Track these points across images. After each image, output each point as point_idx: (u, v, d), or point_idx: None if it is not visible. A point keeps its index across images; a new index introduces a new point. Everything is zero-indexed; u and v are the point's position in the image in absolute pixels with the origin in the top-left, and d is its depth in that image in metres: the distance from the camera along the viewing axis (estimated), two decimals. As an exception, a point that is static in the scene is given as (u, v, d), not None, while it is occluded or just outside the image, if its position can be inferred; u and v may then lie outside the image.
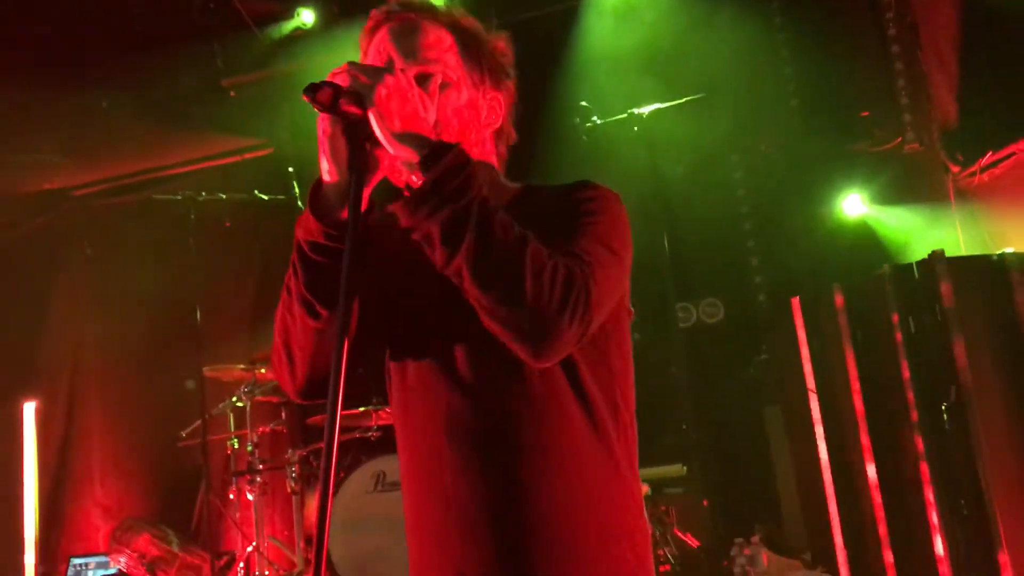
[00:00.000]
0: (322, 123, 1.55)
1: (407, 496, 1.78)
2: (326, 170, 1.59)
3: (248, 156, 7.35)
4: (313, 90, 1.46)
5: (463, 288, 1.52)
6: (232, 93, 6.96)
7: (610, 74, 6.14)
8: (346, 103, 1.50)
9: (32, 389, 6.75)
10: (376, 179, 1.62)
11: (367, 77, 1.51)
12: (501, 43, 1.83)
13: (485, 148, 1.80)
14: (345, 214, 1.57)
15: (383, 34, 1.73)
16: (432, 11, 1.75)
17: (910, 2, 6.38)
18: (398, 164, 1.59)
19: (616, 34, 6.31)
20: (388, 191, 1.67)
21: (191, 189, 5.72)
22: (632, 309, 1.79)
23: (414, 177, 1.53)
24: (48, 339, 7.18)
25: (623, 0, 6.28)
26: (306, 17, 6.55)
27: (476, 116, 1.76)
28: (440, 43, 1.72)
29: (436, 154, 1.50)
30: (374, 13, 1.76)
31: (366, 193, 1.59)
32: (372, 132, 1.52)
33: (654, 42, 6.24)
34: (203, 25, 6.59)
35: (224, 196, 5.64)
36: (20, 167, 6.99)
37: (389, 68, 1.57)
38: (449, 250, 1.49)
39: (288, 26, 6.65)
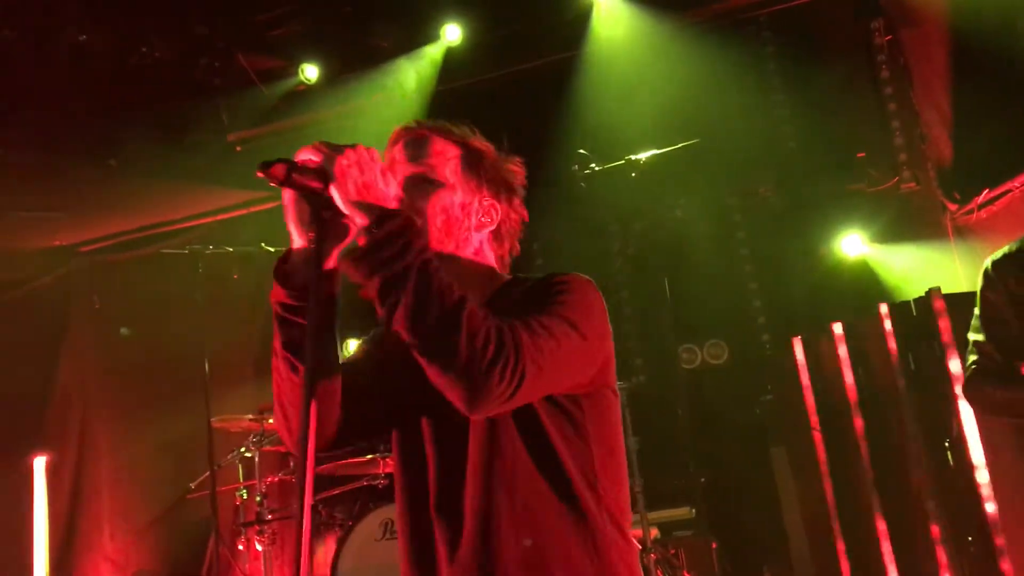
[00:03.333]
0: (287, 195, 1.69)
1: (402, 547, 1.90)
2: (295, 237, 1.73)
3: (254, 209, 7.44)
4: (266, 166, 1.58)
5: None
6: (238, 148, 7.09)
7: (607, 121, 6.24)
8: (304, 177, 1.62)
9: (42, 443, 6.78)
10: (345, 243, 1.73)
11: (330, 150, 1.64)
12: (513, 165, 1.98)
13: (480, 248, 1.94)
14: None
15: (399, 145, 1.92)
16: (447, 131, 1.93)
17: (902, 44, 6.49)
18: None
19: (612, 82, 6.41)
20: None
21: (198, 243, 5.81)
22: (618, 391, 1.91)
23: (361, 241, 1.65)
24: (58, 394, 7.23)
25: (619, 49, 6.39)
26: (309, 73, 6.68)
27: (467, 216, 1.89)
28: (444, 153, 1.90)
29: (379, 220, 1.62)
30: (397, 129, 1.94)
31: (335, 256, 1.72)
32: (333, 202, 1.64)
33: (650, 89, 6.35)
34: (209, 82, 6.73)
35: (231, 249, 5.72)
36: (30, 224, 7.09)
37: (352, 144, 1.69)
38: (387, 310, 1.61)
39: (292, 82, 6.79)
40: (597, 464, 1.80)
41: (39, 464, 6.20)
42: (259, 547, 5.31)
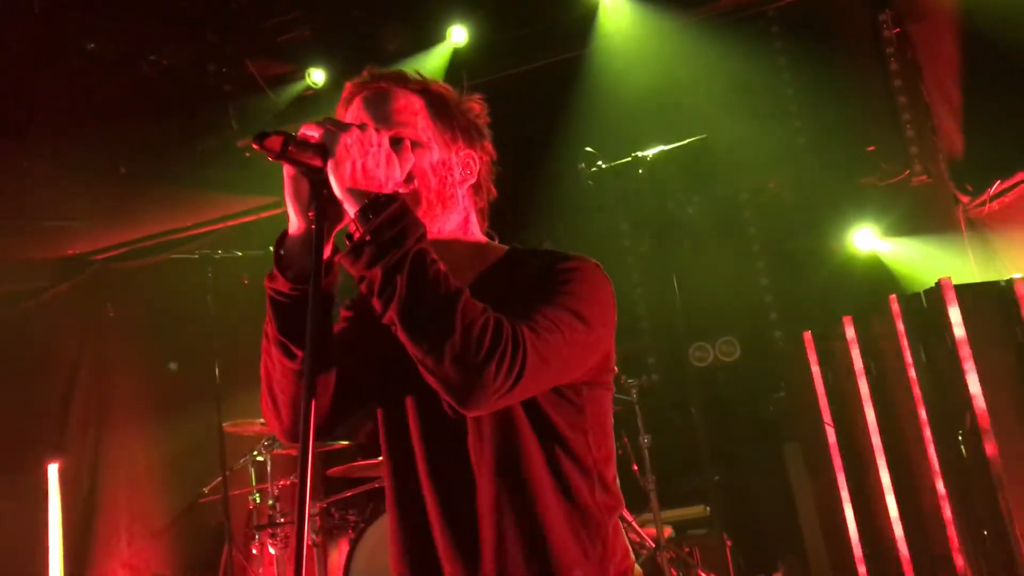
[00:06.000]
0: (286, 170, 1.63)
1: (391, 544, 1.85)
2: (292, 219, 1.68)
3: (264, 215, 7.47)
4: (261, 138, 1.52)
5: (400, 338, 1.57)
6: (247, 154, 7.11)
7: (614, 118, 6.22)
8: (303, 153, 1.57)
9: (58, 450, 6.82)
10: (340, 226, 1.68)
11: (335, 127, 1.59)
12: (475, 105, 1.90)
13: (462, 204, 1.85)
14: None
15: (357, 103, 1.81)
16: (403, 79, 1.83)
17: (911, 37, 6.45)
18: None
19: (619, 80, 6.40)
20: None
21: (209, 248, 5.83)
22: (616, 368, 1.85)
23: (354, 227, 1.59)
24: (72, 401, 7.27)
25: (625, 46, 6.37)
26: (316, 77, 6.71)
27: (449, 173, 1.81)
28: (410, 107, 1.79)
29: (374, 207, 1.56)
30: (348, 85, 1.84)
31: (331, 240, 1.68)
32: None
33: (658, 86, 6.33)
34: (218, 88, 6.76)
35: (240, 253, 5.75)
36: (44, 234, 7.14)
37: (362, 124, 1.63)
38: (382, 300, 1.55)
39: (300, 86, 6.81)
40: (595, 451, 1.77)
41: (53, 470, 6.23)
42: (272, 550, 5.32)
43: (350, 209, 1.58)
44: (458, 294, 1.54)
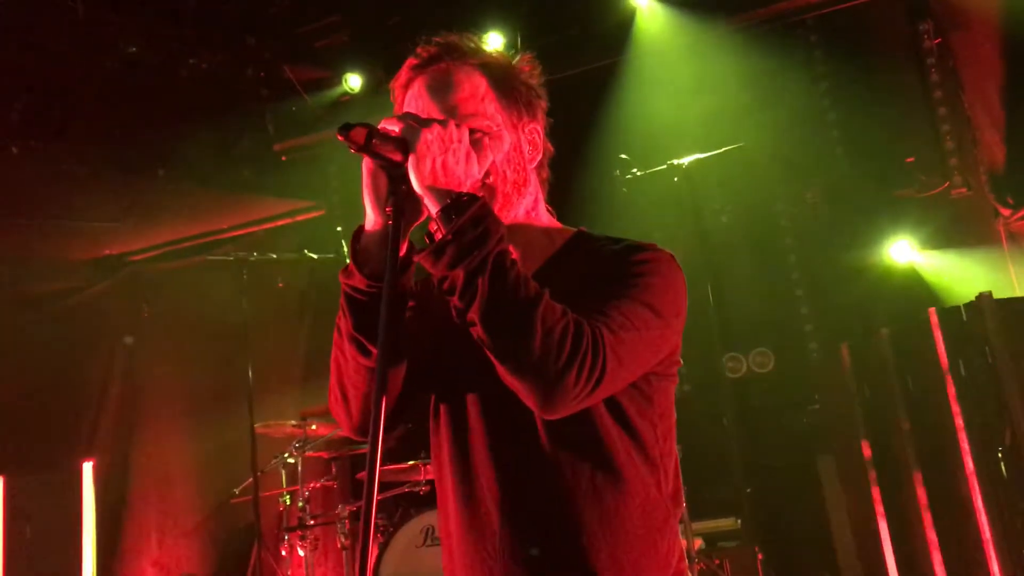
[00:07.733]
0: (366, 164, 1.60)
1: (444, 540, 1.80)
2: (369, 214, 1.64)
3: (300, 218, 7.53)
4: (347, 129, 1.49)
5: (477, 339, 1.55)
6: (283, 157, 7.18)
7: (650, 126, 6.20)
8: (385, 146, 1.54)
9: (92, 449, 6.90)
10: (416, 223, 1.65)
11: (417, 123, 1.56)
12: (527, 66, 1.84)
13: (530, 183, 1.81)
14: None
15: (419, 89, 1.74)
16: (461, 53, 1.76)
17: (952, 47, 6.37)
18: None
19: (655, 87, 6.37)
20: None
21: (243, 251, 5.88)
22: (680, 360, 1.80)
23: (435, 226, 1.56)
24: (106, 400, 7.36)
25: (662, 54, 6.34)
26: (353, 82, 6.75)
27: (521, 157, 1.77)
28: (476, 92, 1.73)
29: (456, 206, 1.53)
30: (406, 67, 1.77)
31: (408, 237, 1.64)
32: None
33: (694, 94, 6.30)
34: (255, 93, 6.82)
35: (275, 256, 5.78)
36: (82, 234, 7.23)
37: (443, 120, 1.60)
38: (463, 302, 1.53)
39: (336, 92, 6.85)
40: (660, 443, 1.73)
41: (87, 469, 6.29)
42: (301, 552, 5.34)
43: (431, 207, 1.56)
44: (538, 297, 1.52)
